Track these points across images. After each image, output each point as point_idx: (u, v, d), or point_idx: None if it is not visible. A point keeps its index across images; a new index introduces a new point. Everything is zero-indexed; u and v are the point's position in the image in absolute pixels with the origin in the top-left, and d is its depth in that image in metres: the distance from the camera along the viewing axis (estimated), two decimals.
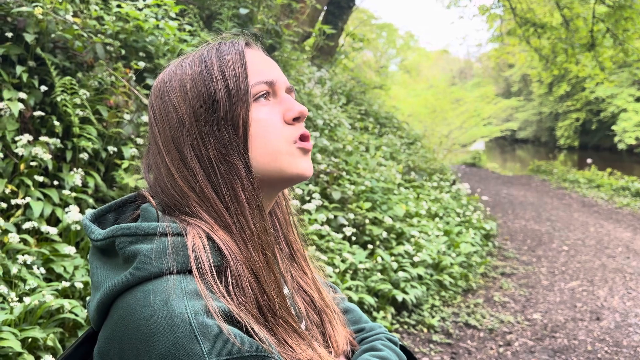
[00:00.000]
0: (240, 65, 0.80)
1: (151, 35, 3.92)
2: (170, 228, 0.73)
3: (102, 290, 0.70)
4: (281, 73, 0.86)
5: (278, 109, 0.83)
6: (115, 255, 0.74)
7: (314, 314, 0.90)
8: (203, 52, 0.84)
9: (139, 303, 0.66)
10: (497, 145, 34.58)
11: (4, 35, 3.09)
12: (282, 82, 0.85)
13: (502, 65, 35.17)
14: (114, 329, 0.68)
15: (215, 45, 0.84)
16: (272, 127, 0.81)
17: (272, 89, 0.83)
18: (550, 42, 12.58)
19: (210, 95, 0.79)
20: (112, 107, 3.36)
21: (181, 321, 0.63)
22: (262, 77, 0.82)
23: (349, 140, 6.20)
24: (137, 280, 0.68)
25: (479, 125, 18.94)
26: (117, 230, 0.73)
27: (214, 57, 0.81)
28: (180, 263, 0.70)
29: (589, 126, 28.22)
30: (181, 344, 0.62)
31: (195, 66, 0.81)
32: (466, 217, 7.01)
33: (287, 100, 0.84)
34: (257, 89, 0.81)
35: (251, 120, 0.79)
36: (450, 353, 3.75)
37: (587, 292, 5.17)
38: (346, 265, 3.84)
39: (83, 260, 2.53)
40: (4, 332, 1.96)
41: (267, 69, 0.84)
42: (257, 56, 0.85)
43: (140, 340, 0.64)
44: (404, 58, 29.08)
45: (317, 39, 8.36)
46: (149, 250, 0.70)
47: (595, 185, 12.71)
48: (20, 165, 2.77)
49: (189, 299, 0.66)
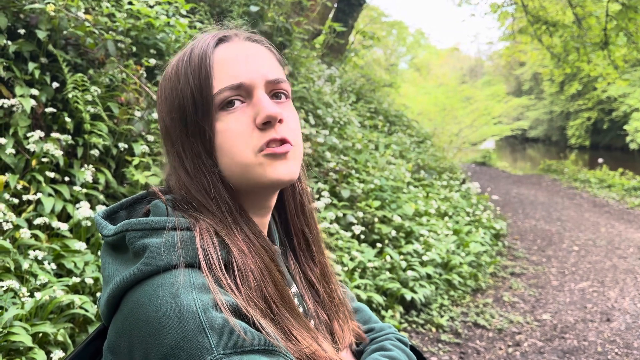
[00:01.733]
0: (204, 72, 0.77)
1: (162, 33, 3.93)
2: (179, 222, 0.74)
3: (113, 284, 0.71)
4: (259, 68, 0.80)
5: (249, 113, 0.78)
6: (125, 250, 0.74)
7: (320, 308, 0.90)
8: (181, 54, 0.82)
9: (149, 296, 0.66)
10: (508, 144, 34.39)
11: (16, 31, 3.11)
12: (256, 80, 0.78)
13: (513, 64, 34.94)
14: (123, 322, 0.68)
15: (191, 44, 0.82)
16: (237, 139, 0.77)
17: (243, 92, 0.78)
18: (562, 41, 12.48)
19: (180, 107, 0.78)
20: (123, 104, 3.38)
21: (190, 314, 0.63)
22: (229, 81, 0.77)
23: (359, 138, 6.19)
24: (147, 274, 0.69)
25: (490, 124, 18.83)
26: (127, 224, 0.74)
27: (185, 62, 0.79)
28: (189, 257, 0.70)
29: (601, 125, 27.97)
30: (189, 337, 0.62)
31: (172, 71, 0.81)
32: (476, 216, 6.98)
33: (258, 103, 0.77)
34: (222, 96, 0.77)
35: (216, 131, 0.77)
36: (459, 353, 3.74)
37: (598, 293, 5.13)
38: (355, 264, 3.84)
39: (93, 256, 2.54)
40: (15, 326, 1.98)
41: (238, 69, 0.78)
42: (231, 53, 0.80)
43: (149, 333, 0.64)
44: (414, 56, 28.99)
45: (327, 37, 8.35)
46: (158, 244, 0.70)
47: (607, 185, 12.60)
48: (31, 161, 2.79)
49: (198, 292, 0.66)
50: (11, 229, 2.40)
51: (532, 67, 30.43)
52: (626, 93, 24.32)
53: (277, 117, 0.77)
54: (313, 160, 4.95)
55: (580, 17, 11.37)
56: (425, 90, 22.54)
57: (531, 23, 12.26)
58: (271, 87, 0.80)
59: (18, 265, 2.28)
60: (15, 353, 1.96)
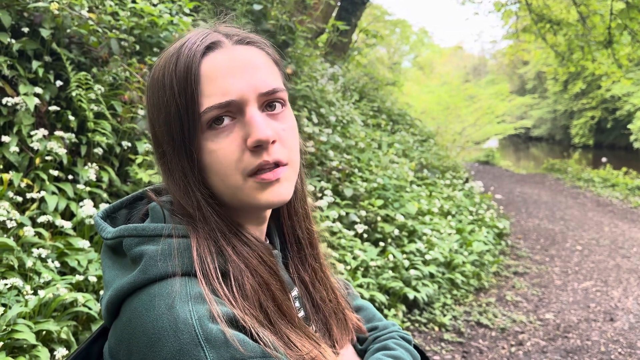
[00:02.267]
0: (190, 89, 0.71)
1: (165, 31, 3.94)
2: (176, 229, 0.73)
3: (111, 291, 0.71)
4: (250, 79, 0.73)
5: (240, 132, 0.73)
6: (124, 254, 0.74)
7: (320, 312, 0.89)
8: (169, 54, 0.76)
9: (145, 306, 0.66)
10: (511, 143, 34.32)
11: (20, 30, 3.12)
12: (247, 95, 0.72)
13: (517, 62, 34.84)
14: (122, 330, 0.68)
15: (179, 45, 0.76)
16: (226, 160, 0.72)
17: (232, 109, 0.72)
18: (566, 39, 12.43)
19: (166, 122, 0.74)
20: (126, 102, 3.38)
21: (185, 327, 0.63)
22: (217, 99, 0.71)
23: (362, 137, 6.19)
24: (143, 283, 0.68)
25: (493, 123, 18.78)
26: (124, 230, 0.74)
27: (171, 70, 0.73)
28: (185, 265, 0.70)
29: (604, 124, 27.88)
30: (185, 350, 0.62)
31: (160, 74, 0.75)
32: (479, 215, 6.97)
33: (249, 123, 0.72)
34: (209, 115, 0.71)
35: (204, 151, 0.73)
36: (462, 352, 3.73)
37: (601, 293, 5.12)
38: (357, 263, 3.84)
39: (97, 254, 2.55)
40: (19, 324, 1.98)
41: (227, 83, 0.72)
42: (220, 63, 0.73)
43: (146, 345, 0.64)
44: (418, 54, 28.92)
45: (331, 35, 8.34)
46: (155, 252, 0.70)
47: (610, 185, 12.56)
48: (35, 159, 2.80)
49: (194, 303, 0.65)
50: (15, 227, 2.41)
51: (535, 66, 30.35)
52: (630, 92, 24.21)
53: (269, 140, 0.72)
54: (316, 159, 4.95)
55: (585, 15, 11.33)
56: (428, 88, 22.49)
57: (535, 21, 12.22)
58: (264, 99, 0.74)
59: (22, 263, 2.29)
60: (19, 351, 1.97)
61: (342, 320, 0.91)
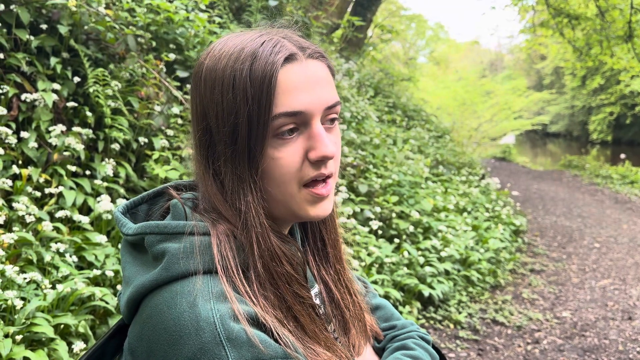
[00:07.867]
0: (266, 98, 0.71)
1: (181, 27, 3.95)
2: (197, 227, 0.73)
3: (132, 287, 0.71)
4: (320, 95, 0.75)
5: (303, 144, 0.75)
6: (145, 251, 0.74)
7: (340, 315, 0.88)
8: (235, 57, 0.74)
9: (167, 304, 0.66)
10: (528, 139, 33.95)
11: (39, 27, 3.15)
12: (316, 109, 0.74)
13: (534, 58, 34.45)
14: (143, 327, 0.68)
15: (253, 51, 0.74)
16: (287, 168, 0.74)
17: (300, 120, 0.74)
18: (585, 34, 12.26)
19: (233, 125, 0.73)
20: (143, 98, 3.40)
21: (207, 325, 0.63)
22: (289, 107, 0.72)
23: (377, 133, 6.16)
24: (165, 280, 0.69)
25: (510, 119, 18.58)
26: (146, 227, 0.74)
27: (245, 75, 0.72)
28: (207, 263, 0.70)
29: (623, 120, 27.45)
30: (207, 348, 0.62)
31: (227, 75, 0.73)
32: (495, 212, 6.91)
33: (315, 137, 0.74)
34: (279, 122, 0.72)
35: (267, 157, 0.73)
36: (477, 349, 3.71)
37: (619, 291, 5.05)
38: (372, 259, 3.83)
39: (114, 249, 2.57)
40: (38, 318, 2.01)
41: (300, 94, 0.73)
42: (297, 77, 0.74)
43: (167, 343, 0.64)
44: (433, 49, 28.72)
45: (346, 31, 8.31)
46: (177, 250, 0.70)
47: (629, 182, 12.37)
48: (53, 155, 2.83)
49: (216, 301, 0.66)
50: (33, 222, 2.44)
51: (553, 61, 29.95)
52: None
53: (332, 157, 0.75)
54: None
55: (604, 9, 11.15)
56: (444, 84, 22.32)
57: (553, 16, 12.06)
58: (327, 112, 0.77)
59: (40, 258, 2.32)
60: (38, 344, 1.99)
61: (361, 326, 0.91)
